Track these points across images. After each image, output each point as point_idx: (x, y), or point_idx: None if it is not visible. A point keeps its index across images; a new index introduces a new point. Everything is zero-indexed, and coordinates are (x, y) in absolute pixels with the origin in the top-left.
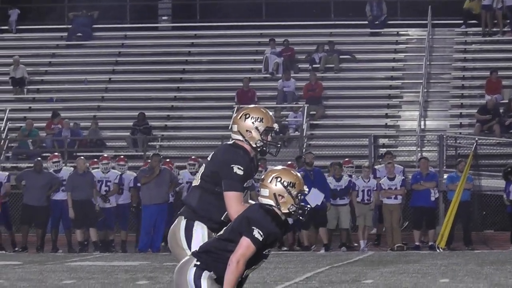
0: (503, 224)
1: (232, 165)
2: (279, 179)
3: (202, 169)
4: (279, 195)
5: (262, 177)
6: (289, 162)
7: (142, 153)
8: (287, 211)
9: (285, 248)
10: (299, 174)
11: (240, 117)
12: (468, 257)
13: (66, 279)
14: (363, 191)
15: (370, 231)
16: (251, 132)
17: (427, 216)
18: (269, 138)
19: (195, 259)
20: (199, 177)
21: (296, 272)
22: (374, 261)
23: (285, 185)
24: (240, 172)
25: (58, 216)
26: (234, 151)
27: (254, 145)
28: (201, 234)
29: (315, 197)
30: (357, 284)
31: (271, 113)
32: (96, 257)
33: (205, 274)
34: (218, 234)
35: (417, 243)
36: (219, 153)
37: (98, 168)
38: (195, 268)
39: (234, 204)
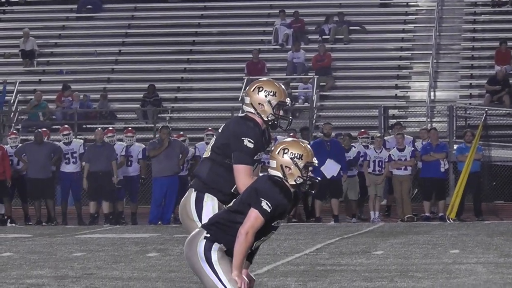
0: None
1: (242, 138)
2: (286, 151)
3: (212, 141)
4: (286, 166)
5: (272, 148)
6: (291, 134)
7: (152, 125)
8: (294, 183)
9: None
10: (308, 146)
11: (253, 90)
12: (478, 228)
13: (76, 251)
14: (374, 161)
15: (381, 202)
16: (263, 105)
17: (437, 187)
18: (281, 112)
19: (205, 232)
20: (210, 149)
21: (306, 243)
22: (384, 232)
23: (292, 156)
24: (251, 145)
25: (67, 189)
26: (245, 123)
27: (266, 119)
28: (211, 206)
29: (330, 168)
30: (367, 255)
31: (284, 87)
32: (106, 230)
33: (215, 246)
34: (228, 206)
35: (427, 214)
36: (230, 125)
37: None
38: (205, 240)
39: (242, 177)
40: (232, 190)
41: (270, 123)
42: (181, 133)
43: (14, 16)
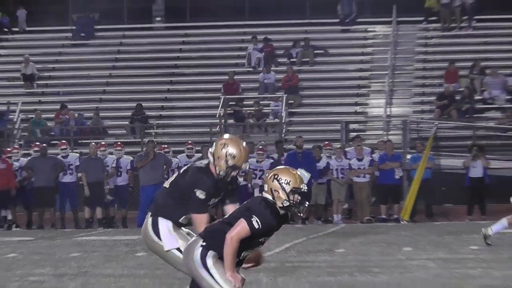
0: (461, 199)
1: (195, 190)
2: (276, 176)
3: (173, 177)
4: (275, 190)
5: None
6: (261, 147)
7: (140, 140)
8: (281, 205)
9: None
10: (297, 174)
11: (220, 143)
12: (429, 228)
13: (73, 252)
14: (336, 169)
15: (343, 206)
16: (221, 160)
17: (392, 192)
18: (233, 173)
19: (201, 240)
20: (169, 182)
21: (276, 243)
22: (346, 232)
23: (280, 182)
24: (202, 196)
25: (65, 197)
26: (200, 175)
27: (218, 172)
28: (166, 226)
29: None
30: (330, 253)
31: (247, 153)
32: (100, 233)
33: (210, 253)
34: (224, 217)
35: (383, 216)
36: (189, 172)
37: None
38: (201, 248)
39: (200, 225)
40: (180, 220)
41: (220, 177)
42: (166, 146)
43: (15, 44)
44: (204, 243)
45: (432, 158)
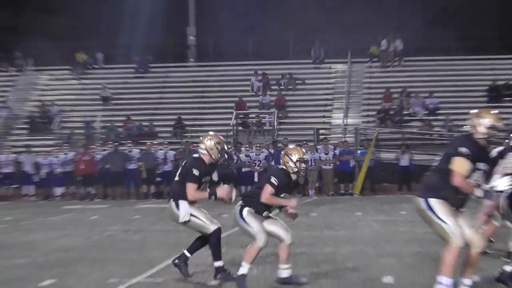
0: (394, 180)
1: (192, 169)
2: (286, 152)
3: (180, 170)
4: (286, 162)
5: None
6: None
7: (180, 140)
8: (292, 172)
9: None
10: (300, 149)
11: (207, 139)
12: (373, 200)
13: (135, 215)
14: (310, 160)
15: (315, 185)
16: (212, 149)
17: (348, 175)
18: (225, 156)
19: (241, 201)
20: (178, 175)
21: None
22: (317, 202)
23: (289, 155)
24: (196, 173)
25: (130, 178)
26: (196, 162)
27: (214, 157)
28: (184, 205)
29: None
30: (307, 216)
31: (222, 139)
32: (153, 202)
33: (246, 209)
34: (256, 184)
35: (342, 192)
36: (188, 162)
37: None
38: (240, 206)
39: (190, 190)
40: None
41: (216, 160)
42: (197, 144)
43: (96, 76)
44: (243, 203)
45: (375, 153)
